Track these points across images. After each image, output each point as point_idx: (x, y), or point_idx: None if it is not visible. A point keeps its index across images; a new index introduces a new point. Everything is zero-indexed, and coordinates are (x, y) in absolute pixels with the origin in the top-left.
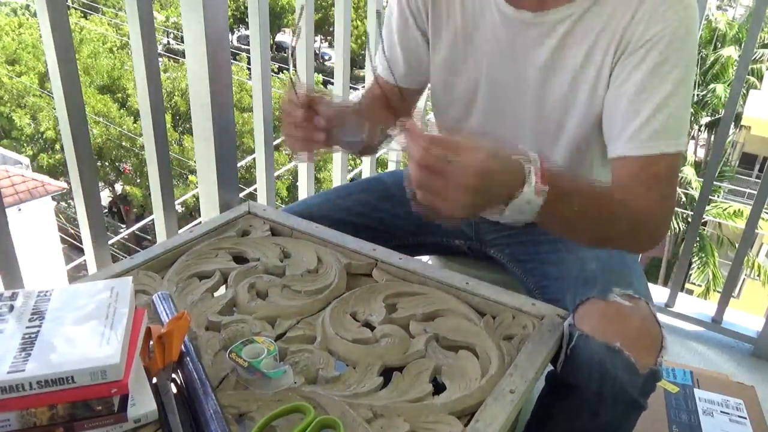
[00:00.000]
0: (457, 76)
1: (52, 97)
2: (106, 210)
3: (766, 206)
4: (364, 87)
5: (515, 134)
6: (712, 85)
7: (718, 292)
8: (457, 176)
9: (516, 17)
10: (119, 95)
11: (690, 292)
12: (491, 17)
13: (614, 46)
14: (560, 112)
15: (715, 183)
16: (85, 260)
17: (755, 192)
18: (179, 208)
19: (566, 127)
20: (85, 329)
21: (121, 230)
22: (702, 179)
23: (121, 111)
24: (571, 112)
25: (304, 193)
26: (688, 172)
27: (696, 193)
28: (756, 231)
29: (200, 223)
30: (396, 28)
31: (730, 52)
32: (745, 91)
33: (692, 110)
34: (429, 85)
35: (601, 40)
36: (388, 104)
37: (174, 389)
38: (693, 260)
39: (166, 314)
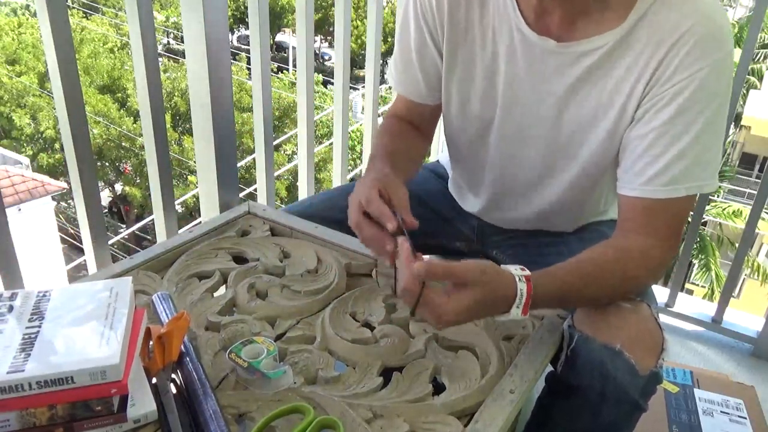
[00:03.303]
0: (473, 95)
1: (52, 97)
2: (106, 210)
3: (766, 206)
4: (364, 85)
5: (529, 156)
6: None
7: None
8: (432, 312)
9: (538, 43)
10: (119, 95)
11: (690, 292)
12: (510, 38)
13: (642, 86)
14: (577, 141)
15: None
16: (85, 260)
17: (755, 192)
18: (179, 208)
19: (581, 154)
20: (84, 329)
21: (121, 230)
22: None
23: (121, 111)
24: (588, 143)
25: (304, 193)
26: None
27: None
28: (756, 231)
29: (200, 223)
30: (414, 47)
31: (736, 54)
32: (745, 91)
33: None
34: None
35: (629, 77)
36: (410, 129)
37: (174, 389)
38: (694, 261)
39: (166, 314)
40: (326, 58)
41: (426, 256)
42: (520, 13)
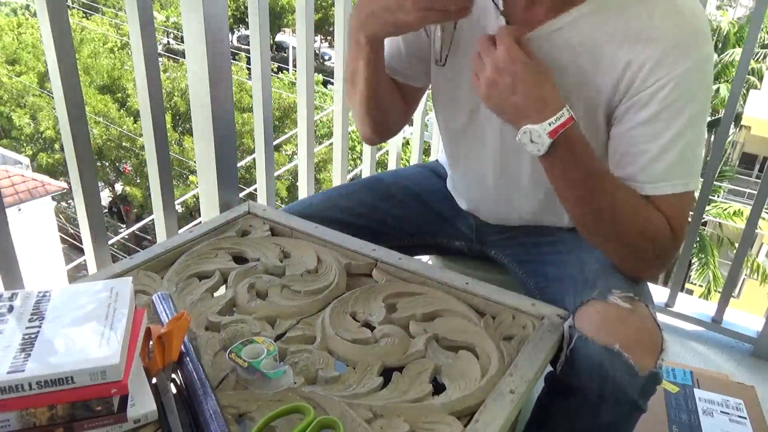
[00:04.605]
0: (460, 80)
1: (52, 97)
2: (106, 210)
3: (766, 206)
4: None
5: (514, 142)
6: (716, 86)
7: (718, 292)
8: (493, 59)
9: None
10: (119, 95)
11: (690, 292)
12: (492, 29)
13: (613, 83)
14: None
15: (715, 183)
16: (85, 260)
17: (755, 192)
18: (179, 208)
19: None
20: (84, 329)
21: (121, 230)
22: (702, 179)
23: (121, 111)
24: None
25: (304, 193)
26: None
27: (696, 193)
28: (756, 231)
29: (200, 223)
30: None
31: (738, 54)
32: (745, 91)
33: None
34: (430, 87)
35: (611, 69)
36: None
37: (174, 389)
38: (693, 260)
39: (166, 314)
40: (326, 58)
41: (424, 257)
42: (505, 6)
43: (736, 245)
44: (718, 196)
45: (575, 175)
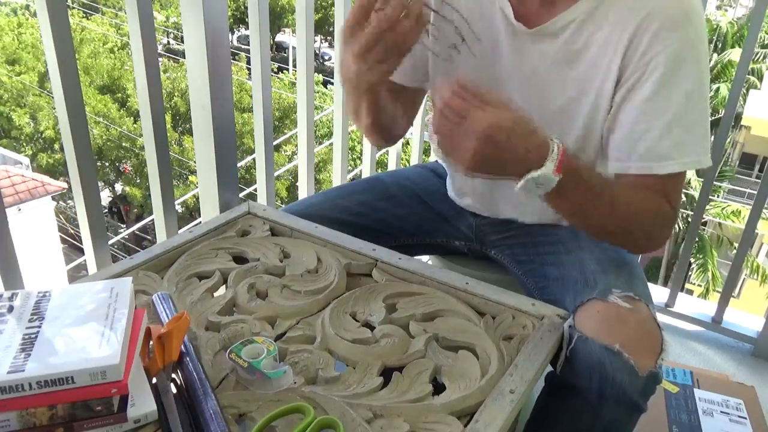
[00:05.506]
0: (455, 70)
1: (52, 97)
2: (106, 210)
3: (766, 206)
4: None
5: None
6: (716, 85)
7: (717, 292)
8: (474, 122)
9: (519, 29)
10: (119, 95)
11: (690, 292)
12: (498, 25)
13: (617, 64)
14: (560, 123)
15: (715, 183)
16: (85, 260)
17: (755, 192)
18: (179, 208)
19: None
20: (84, 329)
21: (121, 230)
22: (702, 179)
23: (121, 111)
24: (569, 123)
25: (304, 193)
26: (688, 172)
27: (696, 193)
28: (756, 231)
29: (200, 223)
30: None
31: (736, 54)
32: (745, 91)
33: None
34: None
35: (604, 54)
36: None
37: (174, 389)
38: (691, 261)
39: (166, 314)
40: (326, 58)
41: (425, 257)
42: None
43: (736, 245)
44: (718, 196)
45: (581, 195)
